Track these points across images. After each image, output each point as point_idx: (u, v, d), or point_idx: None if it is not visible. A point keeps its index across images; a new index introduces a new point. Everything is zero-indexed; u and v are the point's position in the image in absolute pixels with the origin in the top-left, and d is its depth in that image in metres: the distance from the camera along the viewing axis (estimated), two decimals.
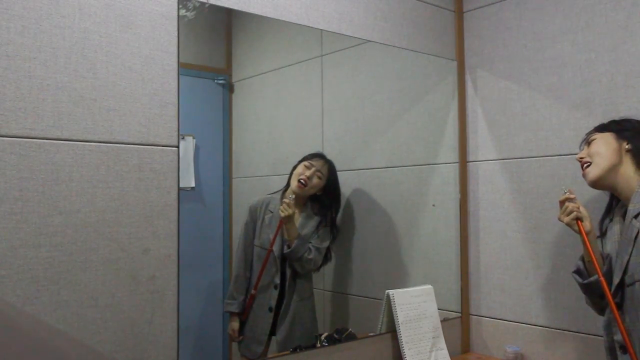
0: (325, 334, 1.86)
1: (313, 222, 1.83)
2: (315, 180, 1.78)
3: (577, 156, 1.66)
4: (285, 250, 1.75)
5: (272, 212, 1.74)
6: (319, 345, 1.82)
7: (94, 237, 1.37)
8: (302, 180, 1.77)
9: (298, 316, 1.80)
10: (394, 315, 1.93)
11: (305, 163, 1.79)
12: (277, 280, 1.75)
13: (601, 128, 1.65)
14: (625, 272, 1.47)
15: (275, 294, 1.75)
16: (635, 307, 1.44)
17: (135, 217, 1.43)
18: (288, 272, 1.79)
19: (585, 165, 1.61)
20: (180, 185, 1.52)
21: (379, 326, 1.97)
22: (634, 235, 1.46)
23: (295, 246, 1.76)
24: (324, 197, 1.83)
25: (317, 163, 1.79)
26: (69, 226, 1.33)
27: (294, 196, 1.75)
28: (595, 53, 1.88)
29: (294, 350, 1.76)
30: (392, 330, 1.95)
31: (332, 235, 1.90)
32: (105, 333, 1.38)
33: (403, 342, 1.90)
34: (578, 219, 1.56)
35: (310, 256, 1.80)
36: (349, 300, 2.09)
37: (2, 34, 1.27)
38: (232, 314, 1.72)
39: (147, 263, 1.44)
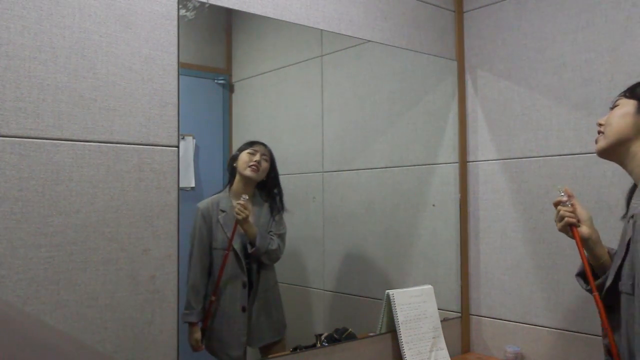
0: (325, 334, 1.86)
1: (265, 209, 1.80)
2: (264, 164, 1.77)
3: (597, 120, 1.49)
4: (250, 249, 1.73)
5: (224, 212, 1.72)
6: (319, 345, 1.82)
7: (94, 237, 1.37)
8: (253, 166, 1.76)
9: (265, 308, 1.78)
10: (394, 315, 1.93)
11: (248, 150, 1.77)
12: (245, 278, 1.72)
13: (631, 92, 1.42)
14: (618, 277, 1.35)
15: (245, 292, 1.72)
16: (625, 316, 1.34)
17: (135, 217, 1.43)
18: (253, 267, 1.76)
19: (599, 133, 1.44)
20: (180, 185, 1.52)
21: (379, 326, 1.97)
22: (626, 240, 1.32)
23: (259, 243, 1.74)
24: (269, 182, 1.81)
25: (260, 148, 1.78)
26: (69, 226, 1.33)
27: (247, 197, 1.72)
28: (595, 53, 1.88)
29: (294, 350, 1.76)
30: (392, 330, 1.95)
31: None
32: (105, 333, 1.38)
33: (403, 342, 1.90)
34: (571, 224, 1.42)
35: (274, 246, 1.79)
36: (349, 300, 2.09)
37: (2, 34, 1.27)
38: (191, 324, 1.65)
39: (147, 263, 1.44)
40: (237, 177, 1.76)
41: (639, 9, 1.79)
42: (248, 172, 1.75)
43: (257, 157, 1.76)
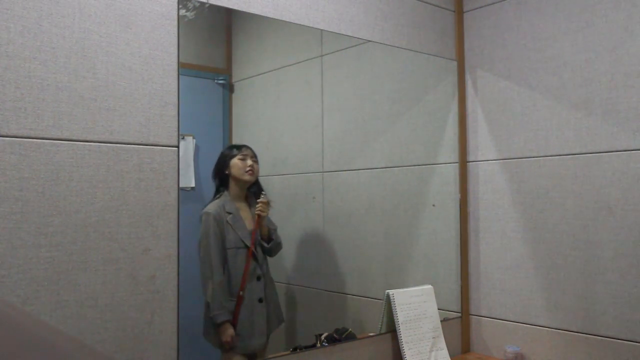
0: (325, 334, 1.86)
1: None
2: (256, 167, 1.83)
3: None
4: (267, 245, 1.81)
5: (231, 213, 1.77)
6: (319, 345, 1.82)
7: (94, 237, 1.37)
8: (249, 171, 1.80)
9: (271, 298, 1.85)
10: (394, 315, 1.93)
11: (239, 156, 1.81)
12: (260, 271, 1.79)
13: None
14: None
15: (260, 284, 1.79)
16: None
17: (135, 217, 1.43)
18: (264, 260, 1.83)
19: None
20: (180, 185, 1.52)
21: (379, 326, 1.97)
22: None
23: (275, 236, 1.83)
24: (256, 182, 1.86)
25: (248, 151, 1.83)
26: (69, 226, 1.33)
27: (265, 193, 1.80)
28: (595, 53, 1.88)
29: (294, 350, 1.76)
30: (392, 330, 1.95)
31: None
32: (105, 333, 1.38)
33: (403, 342, 1.90)
34: None
35: (280, 239, 1.87)
36: (349, 300, 2.09)
37: (2, 34, 1.27)
38: (223, 322, 1.70)
39: (147, 263, 1.44)
40: (233, 182, 1.78)
41: (639, 9, 1.79)
42: (247, 177, 1.79)
43: (249, 162, 1.81)
